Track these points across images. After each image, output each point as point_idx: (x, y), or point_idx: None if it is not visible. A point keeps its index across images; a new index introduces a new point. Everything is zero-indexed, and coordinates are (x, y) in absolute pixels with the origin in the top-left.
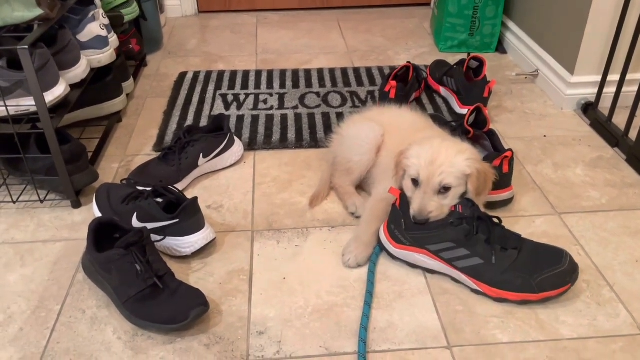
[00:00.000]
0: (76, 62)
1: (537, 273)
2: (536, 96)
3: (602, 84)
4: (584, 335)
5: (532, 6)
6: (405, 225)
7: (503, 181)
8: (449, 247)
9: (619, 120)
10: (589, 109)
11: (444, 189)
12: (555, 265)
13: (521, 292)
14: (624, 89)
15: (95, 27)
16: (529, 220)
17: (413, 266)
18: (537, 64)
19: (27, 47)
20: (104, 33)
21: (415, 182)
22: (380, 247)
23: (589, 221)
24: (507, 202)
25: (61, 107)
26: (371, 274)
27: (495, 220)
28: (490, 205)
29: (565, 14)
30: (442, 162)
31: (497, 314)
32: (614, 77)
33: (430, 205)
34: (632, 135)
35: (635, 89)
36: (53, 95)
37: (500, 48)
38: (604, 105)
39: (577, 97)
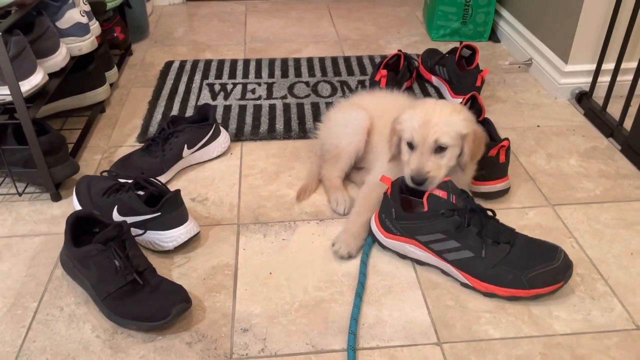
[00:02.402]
0: (55, 50)
1: (528, 269)
2: (529, 85)
3: (597, 73)
4: (577, 330)
5: None
6: (395, 215)
7: (499, 171)
8: (439, 238)
9: (614, 109)
10: (583, 98)
11: (440, 149)
12: (547, 262)
13: (511, 288)
14: (619, 78)
15: (75, 13)
16: (521, 212)
17: (403, 257)
18: (531, 52)
19: (0, 33)
20: (84, 20)
21: (411, 145)
22: (372, 238)
23: (583, 213)
24: (503, 193)
25: (39, 96)
26: (363, 265)
27: (489, 213)
28: (487, 195)
29: (560, 2)
30: (436, 122)
31: (488, 309)
32: (608, 66)
33: (428, 165)
34: (627, 125)
35: (630, 78)
36: (30, 84)
37: (493, 37)
38: (599, 95)
39: (571, 87)
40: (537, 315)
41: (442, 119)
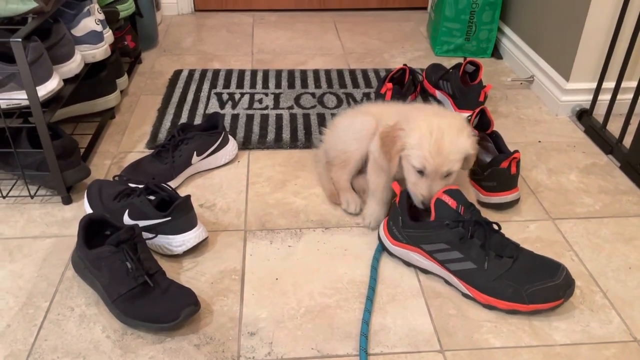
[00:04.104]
0: (70, 56)
1: (529, 284)
2: (531, 102)
3: (597, 91)
4: (576, 341)
5: (529, 12)
6: (402, 223)
7: (510, 182)
8: (443, 248)
9: (614, 127)
10: (583, 115)
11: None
12: (548, 279)
13: (511, 302)
14: (619, 96)
15: (91, 22)
16: (522, 225)
17: (408, 264)
18: (533, 69)
19: (20, 39)
20: (99, 28)
21: (421, 172)
22: (380, 244)
23: (583, 227)
24: (514, 203)
25: (54, 101)
26: (374, 270)
27: (495, 226)
28: (498, 206)
29: (562, 20)
30: (449, 151)
31: (490, 318)
32: (609, 84)
33: (436, 190)
34: (627, 142)
35: (630, 96)
36: (46, 89)
37: (496, 53)
38: (599, 112)
39: (572, 104)
40: (537, 326)
41: (453, 145)
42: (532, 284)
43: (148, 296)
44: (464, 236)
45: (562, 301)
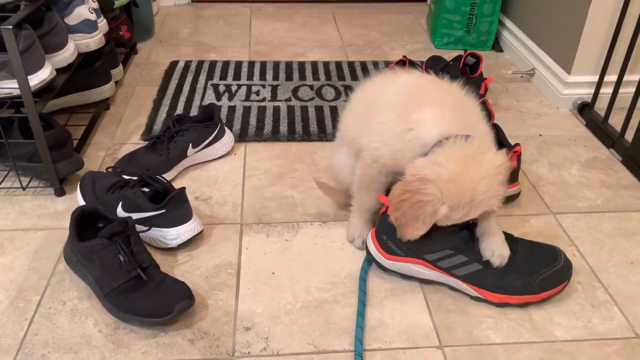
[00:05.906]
0: (63, 45)
1: (536, 273)
2: (532, 95)
3: (599, 84)
4: (578, 337)
5: (530, 4)
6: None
7: (511, 176)
8: (448, 254)
9: (615, 121)
10: (585, 109)
11: None
12: (552, 264)
13: (523, 295)
14: (621, 90)
15: (84, 10)
16: (523, 220)
17: (406, 277)
18: (534, 62)
19: (11, 27)
20: (93, 17)
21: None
22: (369, 259)
23: (584, 222)
24: (514, 197)
25: (46, 91)
26: (362, 282)
27: None
28: None
29: (564, 13)
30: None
31: (490, 314)
32: (611, 77)
33: None
34: (628, 136)
35: (633, 90)
36: (38, 78)
37: (497, 46)
38: (600, 106)
39: (573, 97)
40: (538, 322)
41: (485, 206)
42: (540, 272)
43: (141, 290)
44: (470, 238)
45: (567, 283)
